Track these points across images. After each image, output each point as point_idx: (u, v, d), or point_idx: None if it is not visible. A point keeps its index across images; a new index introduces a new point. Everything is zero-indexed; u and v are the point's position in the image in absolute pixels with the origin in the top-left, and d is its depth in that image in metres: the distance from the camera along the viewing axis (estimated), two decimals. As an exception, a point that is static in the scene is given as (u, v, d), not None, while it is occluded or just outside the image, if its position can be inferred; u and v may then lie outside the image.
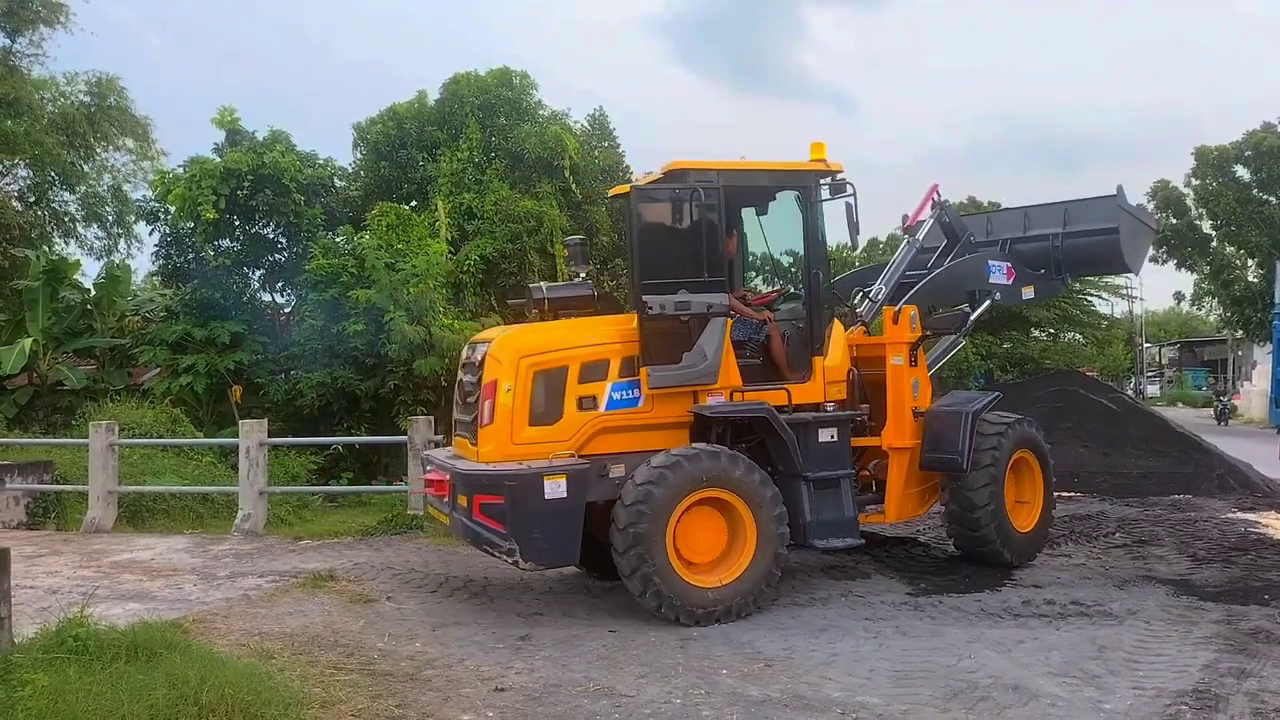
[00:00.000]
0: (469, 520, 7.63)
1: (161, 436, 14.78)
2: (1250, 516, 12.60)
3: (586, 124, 23.05)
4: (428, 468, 8.90)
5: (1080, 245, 11.03)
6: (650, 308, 8.05)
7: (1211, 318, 55.63)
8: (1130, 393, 38.91)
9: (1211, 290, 43.62)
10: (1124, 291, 48.86)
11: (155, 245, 18.76)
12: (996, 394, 10.11)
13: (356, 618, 7.73)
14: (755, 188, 9.23)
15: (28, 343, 17.40)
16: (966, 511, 9.30)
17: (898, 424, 9.17)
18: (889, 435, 9.17)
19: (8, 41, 22.30)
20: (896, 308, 9.40)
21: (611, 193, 9.77)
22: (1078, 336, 31.95)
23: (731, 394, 8.35)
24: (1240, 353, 50.41)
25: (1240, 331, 43.77)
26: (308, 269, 16.94)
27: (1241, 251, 40.40)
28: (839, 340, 9.03)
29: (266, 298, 19.80)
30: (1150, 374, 68.89)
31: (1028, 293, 10.95)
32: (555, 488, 7.55)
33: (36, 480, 13.21)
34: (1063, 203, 11.30)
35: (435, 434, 12.39)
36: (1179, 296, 49.84)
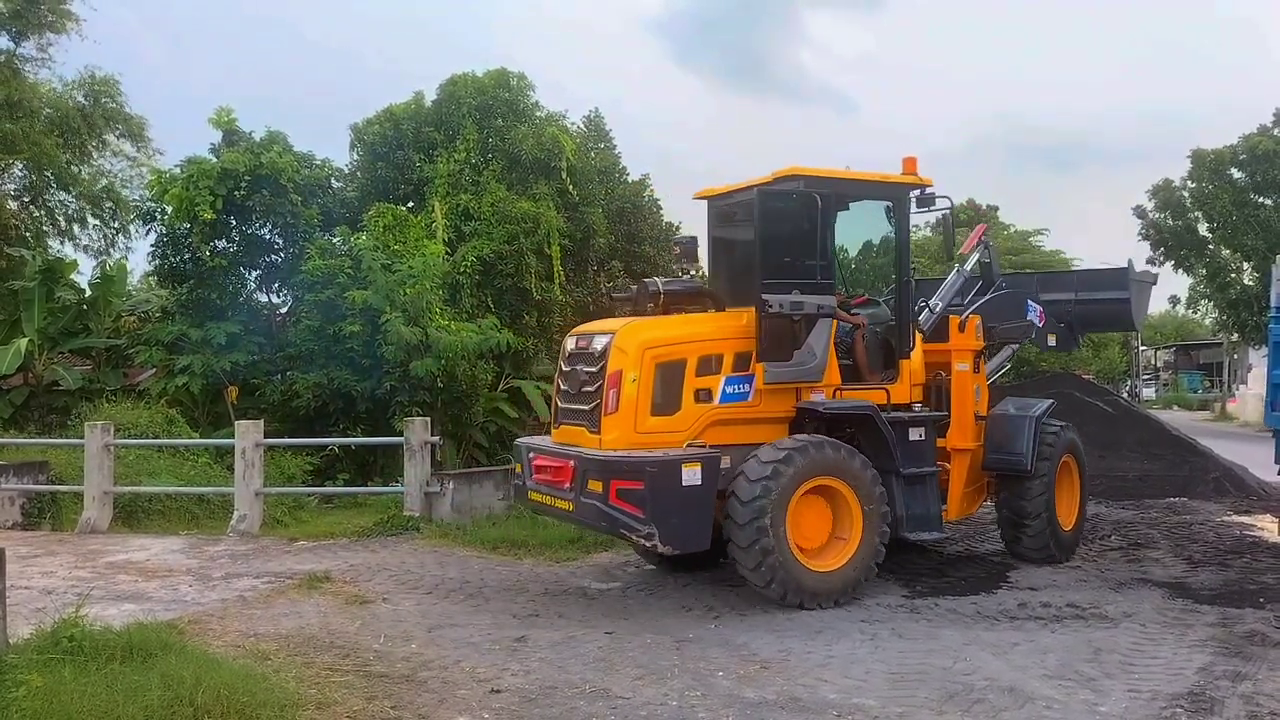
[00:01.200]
0: (604, 505, 7.85)
1: (157, 437, 14.75)
2: (1245, 519, 12.64)
3: (583, 125, 23.06)
4: (530, 455, 9.07)
5: (1094, 310, 11.72)
6: (770, 306, 8.48)
7: (1207, 321, 55.66)
8: (1126, 396, 38.96)
9: (1207, 293, 43.64)
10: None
11: (151, 245, 18.71)
12: (1052, 400, 10.54)
13: (352, 619, 7.73)
14: (853, 196, 9.65)
15: (23, 343, 17.37)
16: (1024, 512, 9.81)
17: (961, 427, 9.67)
18: (953, 437, 9.66)
19: (11, 44, 22.32)
20: (962, 317, 9.93)
21: (701, 194, 10.02)
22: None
23: (834, 392, 8.88)
24: (1236, 356, 50.51)
25: (1236, 335, 43.82)
26: (304, 270, 16.91)
27: (1237, 254, 40.47)
28: (918, 346, 9.52)
29: (263, 298, 19.74)
30: (1146, 377, 68.97)
31: (1051, 340, 11.40)
32: (692, 475, 7.91)
33: (32, 481, 13.19)
34: (1075, 271, 11.67)
35: (431, 435, 12.38)
36: (1174, 299, 49.77)
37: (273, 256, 19.02)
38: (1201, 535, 11.46)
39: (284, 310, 20.07)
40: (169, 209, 17.65)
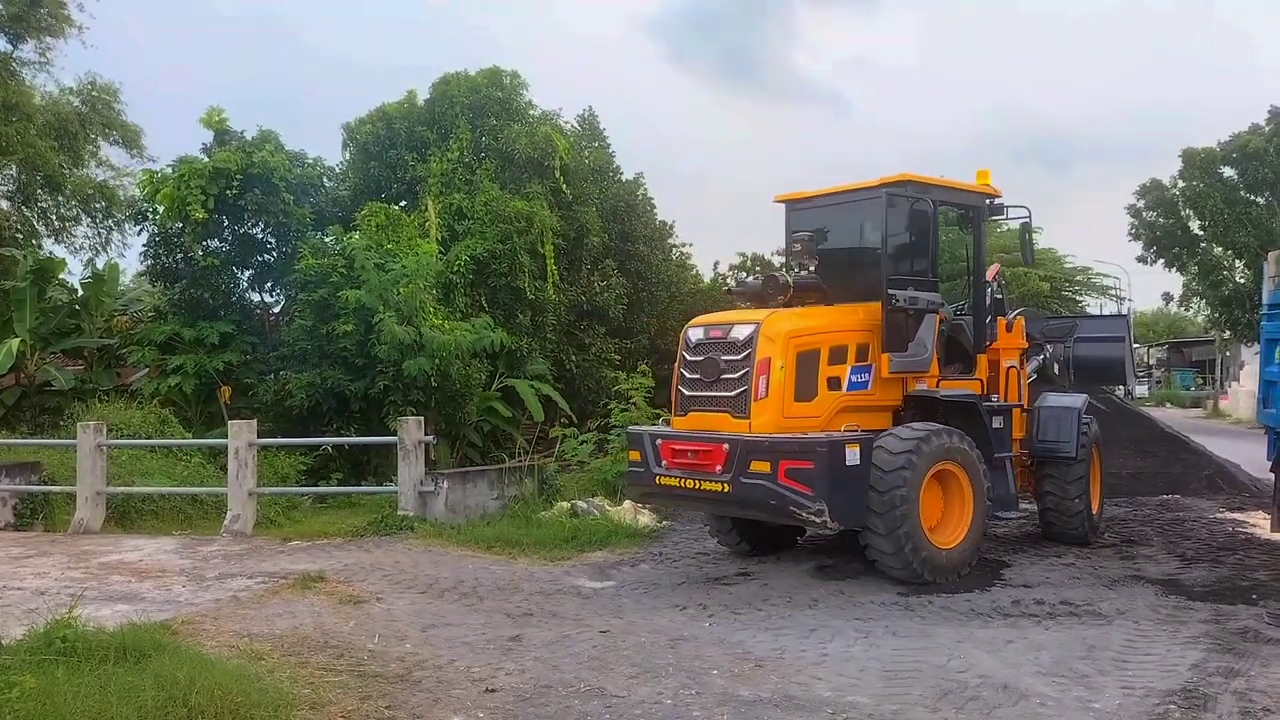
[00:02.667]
0: (772, 484, 8.38)
1: (150, 437, 14.72)
2: (1238, 516, 12.67)
3: (577, 124, 23.04)
4: (658, 441, 9.45)
5: (1087, 357, 12.21)
6: (896, 300, 9.21)
7: (1199, 318, 55.86)
8: (1119, 393, 39.02)
9: (1199, 291, 43.82)
10: (1112, 293, 49.10)
11: (144, 245, 18.69)
12: (1086, 395, 11.24)
13: (346, 619, 7.71)
14: (948, 203, 10.20)
15: (15, 343, 17.32)
16: (1066, 496, 10.63)
17: (1013, 418, 10.43)
18: None
19: (9, 47, 22.28)
20: (1009, 318, 10.80)
21: (781, 198, 10.59)
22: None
23: (936, 383, 9.66)
24: (1228, 353, 50.67)
25: (1228, 332, 43.99)
26: (297, 269, 16.88)
27: (1229, 252, 40.62)
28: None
29: (255, 298, 19.73)
30: (1139, 374, 69.14)
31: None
32: (853, 455, 8.52)
33: (24, 481, 13.14)
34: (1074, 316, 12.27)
35: (425, 434, 12.37)
36: (1167, 297, 50.09)
37: (265, 256, 19.00)
38: (1194, 532, 11.49)
39: (277, 309, 20.05)
40: (160, 208, 17.62)
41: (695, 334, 9.52)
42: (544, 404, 18.13)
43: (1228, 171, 40.00)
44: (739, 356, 8.93)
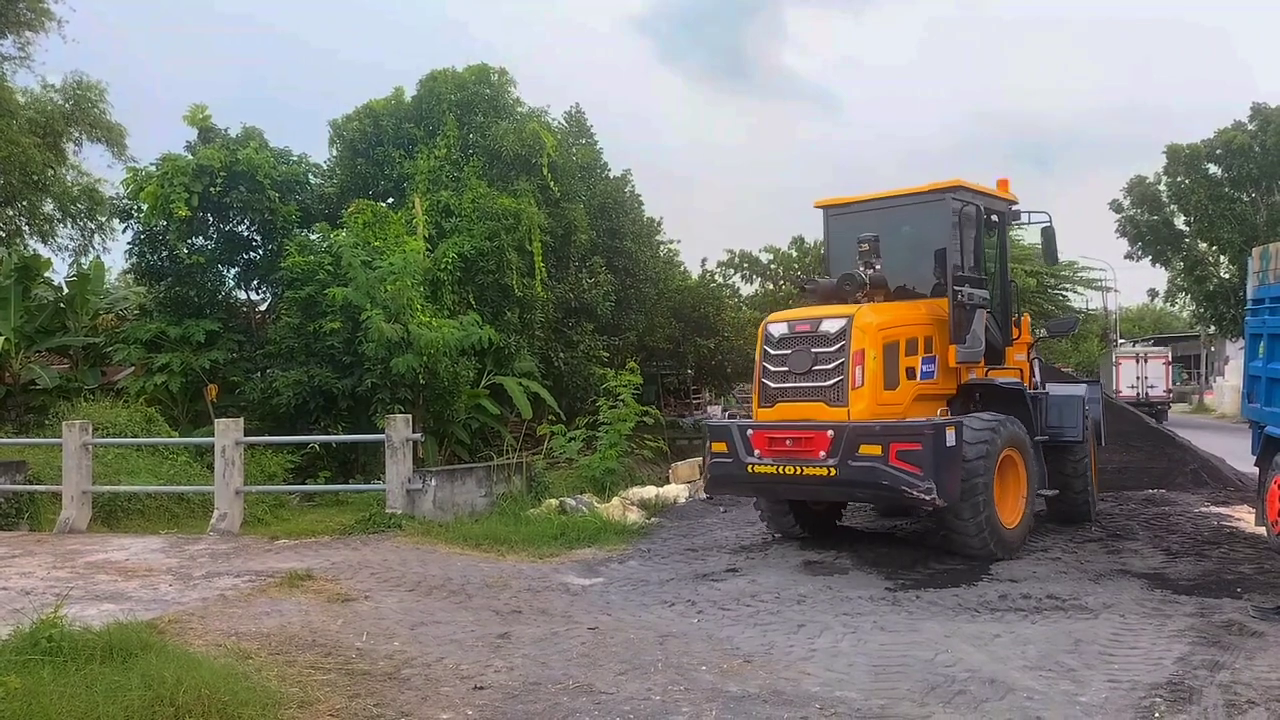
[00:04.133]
0: (884, 466, 9.02)
1: (136, 436, 14.65)
2: (1223, 510, 12.74)
3: (564, 121, 23.00)
4: (749, 433, 9.88)
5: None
6: (961, 296, 10.16)
7: (1185, 314, 56.13)
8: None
9: (1185, 286, 44.01)
10: (1098, 285, 49.28)
11: (128, 243, 18.58)
12: (1088, 383, 12.47)
13: (334, 617, 7.69)
14: (989, 209, 11.03)
15: (-1, 341, 17.22)
16: (1073, 475, 11.43)
17: None
18: None
19: None
20: (1016, 316, 11.64)
21: (822, 203, 11.34)
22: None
23: (986, 372, 10.65)
24: (1213, 348, 50.94)
25: (1213, 327, 44.18)
26: (283, 267, 16.82)
27: (1214, 248, 40.80)
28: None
29: (242, 295, 19.66)
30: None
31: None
32: (951, 437, 9.17)
33: (9, 480, 13.07)
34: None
35: (413, 432, 12.34)
36: (1153, 293, 50.27)
37: (251, 253, 18.93)
38: (1179, 526, 11.56)
39: (263, 307, 19.99)
40: (145, 206, 17.53)
41: (778, 329, 9.97)
42: (532, 401, 18.10)
43: (1212, 168, 40.18)
44: (832, 349, 9.53)
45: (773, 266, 34.61)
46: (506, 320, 18.30)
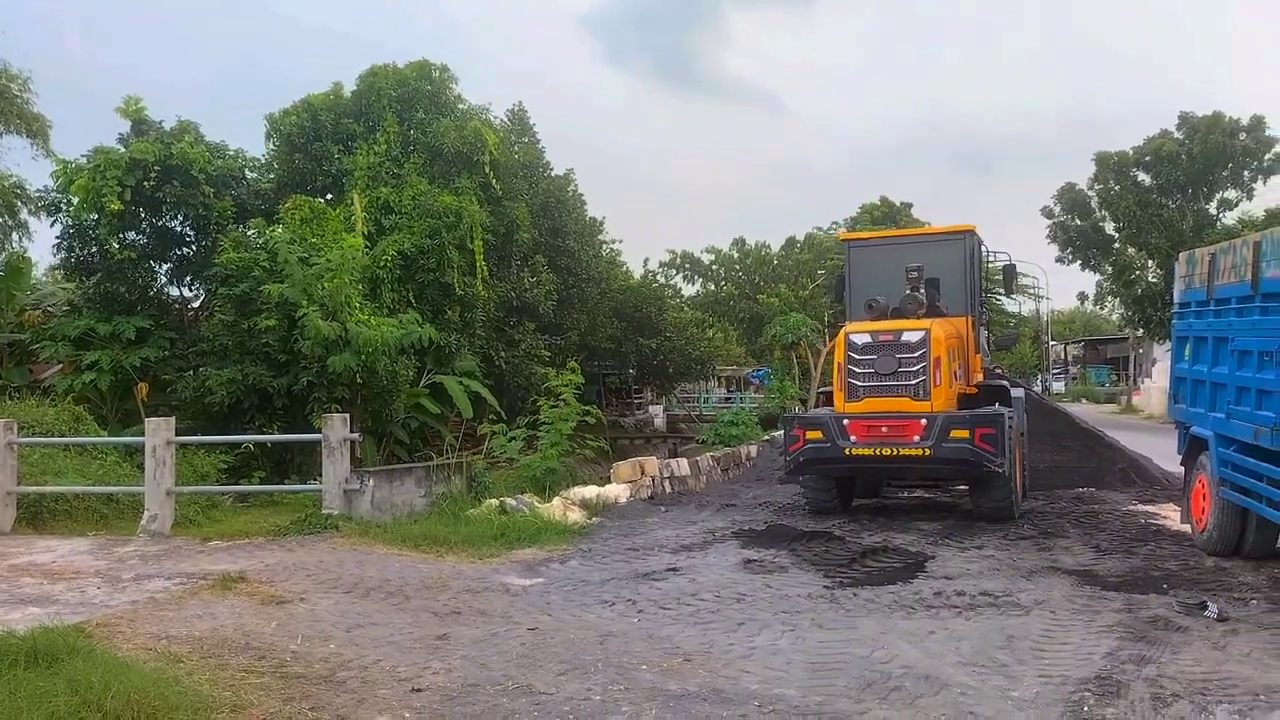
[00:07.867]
0: (972, 446, 11.23)
1: (63, 435, 14.27)
2: (1150, 508, 13.06)
3: (507, 119, 22.91)
4: (845, 421, 11.73)
5: None
6: (984, 314, 13.38)
7: (1114, 316, 57.46)
8: (1037, 389, 40.06)
9: (1114, 290, 45.02)
10: (1030, 291, 50.31)
11: (56, 238, 18.10)
12: (1024, 388, 14.91)
13: (268, 619, 7.56)
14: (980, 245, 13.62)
15: (-81, 338, 16.69)
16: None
17: None
18: None
19: None
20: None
21: (845, 237, 15.18)
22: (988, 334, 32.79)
23: (986, 376, 13.38)
24: (1141, 350, 52.19)
25: (1141, 330, 45.27)
26: (217, 263, 16.52)
27: (1142, 253, 41.78)
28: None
29: (174, 292, 19.29)
30: (1056, 371, 71.00)
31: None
32: (1009, 423, 11.63)
33: (-72, 481, 12.64)
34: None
35: (351, 431, 12.17)
36: (1083, 296, 51.48)
37: (184, 249, 18.59)
38: (1108, 524, 11.83)
39: (196, 304, 19.62)
40: (74, 200, 17.11)
41: (861, 338, 11.98)
42: (473, 401, 17.99)
43: (1141, 175, 41.16)
44: (915, 354, 11.65)
45: (714, 267, 34.76)
46: (447, 319, 18.17)
